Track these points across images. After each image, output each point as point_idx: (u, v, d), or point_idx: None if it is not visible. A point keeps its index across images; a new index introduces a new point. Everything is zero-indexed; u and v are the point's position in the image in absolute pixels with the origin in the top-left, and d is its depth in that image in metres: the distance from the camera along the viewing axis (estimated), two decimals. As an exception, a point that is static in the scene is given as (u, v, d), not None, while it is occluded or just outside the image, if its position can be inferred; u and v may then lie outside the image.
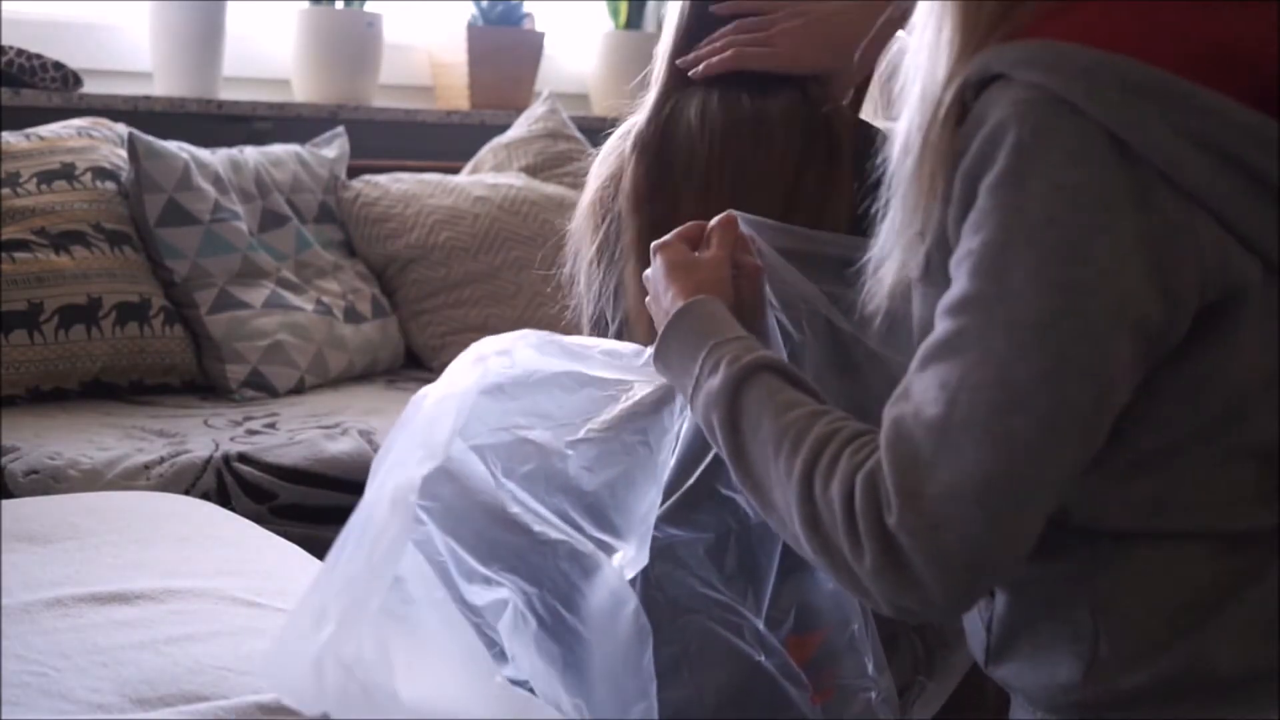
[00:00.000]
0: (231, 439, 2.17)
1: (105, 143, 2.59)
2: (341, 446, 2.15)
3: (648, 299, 1.35)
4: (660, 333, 1.26)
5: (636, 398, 1.37)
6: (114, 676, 1.19)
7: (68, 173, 2.48)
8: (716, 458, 1.33)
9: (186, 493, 2.00)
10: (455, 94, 3.26)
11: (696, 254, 1.33)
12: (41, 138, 2.53)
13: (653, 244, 1.35)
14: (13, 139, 2.49)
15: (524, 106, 3.19)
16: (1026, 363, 0.98)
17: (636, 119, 1.55)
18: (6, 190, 2.41)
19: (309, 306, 2.62)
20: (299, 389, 2.55)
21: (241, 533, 1.66)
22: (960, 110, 1.03)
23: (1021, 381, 0.98)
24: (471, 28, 3.23)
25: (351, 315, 2.69)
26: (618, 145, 1.55)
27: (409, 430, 1.25)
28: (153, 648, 1.24)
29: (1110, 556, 1.08)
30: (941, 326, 1.02)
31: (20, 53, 2.69)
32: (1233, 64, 0.99)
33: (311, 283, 2.69)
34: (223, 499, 2.03)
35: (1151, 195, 0.98)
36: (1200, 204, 0.98)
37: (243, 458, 2.09)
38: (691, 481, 1.35)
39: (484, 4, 3.27)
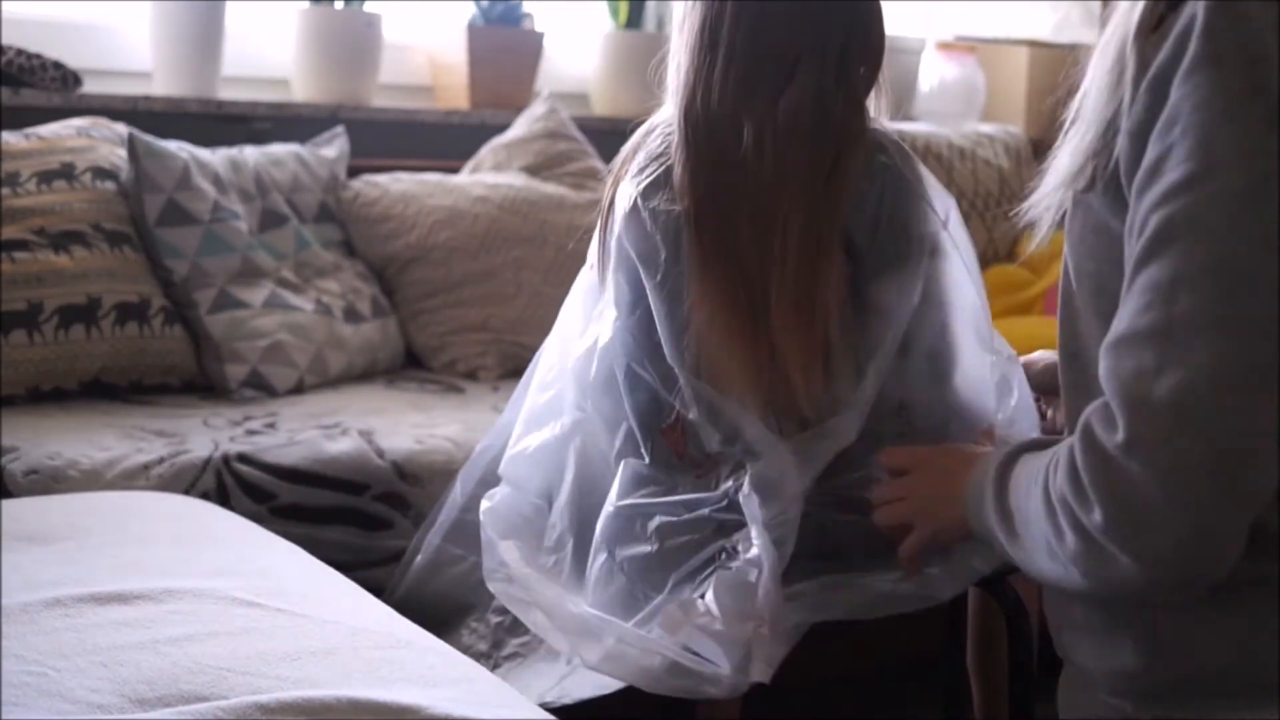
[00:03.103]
0: (231, 439, 2.17)
1: (105, 142, 2.59)
2: (341, 446, 2.15)
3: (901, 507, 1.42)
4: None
5: None
6: (113, 676, 1.19)
7: (67, 172, 2.48)
8: None
9: (186, 493, 2.00)
10: (455, 94, 3.25)
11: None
12: (41, 137, 2.52)
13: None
14: (12, 139, 2.49)
15: (524, 106, 3.19)
16: (1243, 234, 0.93)
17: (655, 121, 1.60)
18: (6, 190, 2.41)
19: (309, 306, 2.62)
20: (299, 389, 2.55)
21: (241, 533, 1.66)
22: (1156, 23, 1.03)
23: (1242, 258, 0.93)
24: (471, 28, 3.23)
25: (351, 315, 2.69)
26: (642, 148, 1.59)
27: None
28: (152, 648, 1.24)
29: None
30: (1149, 224, 0.98)
31: (20, 53, 2.69)
32: None
33: (311, 282, 2.69)
34: (222, 499, 2.03)
35: None
36: None
37: (242, 458, 2.09)
38: None
39: (484, 4, 3.27)
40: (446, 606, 1.74)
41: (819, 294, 1.50)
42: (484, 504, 1.65)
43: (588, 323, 1.63)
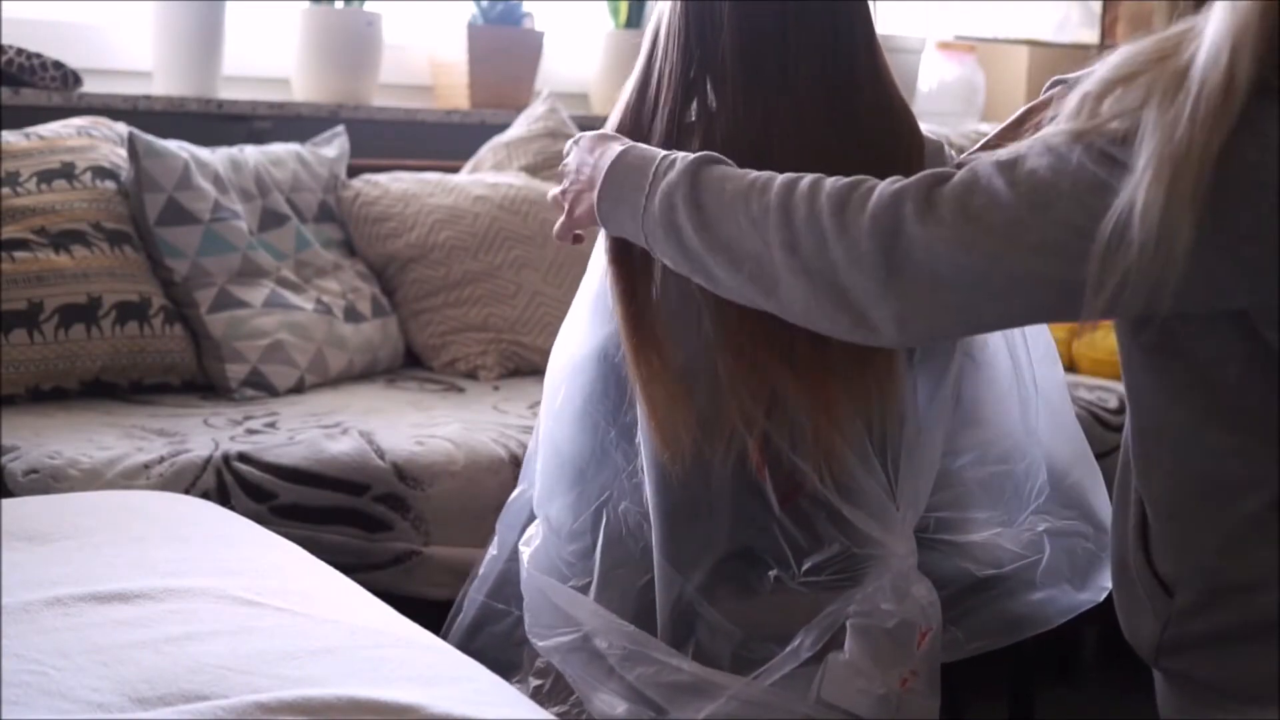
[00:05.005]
0: (231, 438, 2.17)
1: (105, 142, 2.59)
2: (341, 446, 2.15)
3: (565, 188, 1.49)
4: (604, 173, 1.40)
5: None
6: (114, 676, 1.19)
7: (67, 172, 2.48)
8: None
9: (186, 492, 2.00)
10: (455, 93, 3.26)
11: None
12: (41, 137, 2.53)
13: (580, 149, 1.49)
14: (12, 138, 2.49)
15: (524, 106, 3.20)
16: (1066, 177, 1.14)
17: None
18: (6, 190, 2.41)
19: (309, 306, 2.62)
20: (299, 388, 2.55)
21: (241, 533, 1.66)
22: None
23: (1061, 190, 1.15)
24: (471, 27, 3.23)
25: (351, 314, 2.69)
26: None
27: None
28: (152, 647, 1.24)
29: None
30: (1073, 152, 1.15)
31: (20, 52, 2.69)
32: None
33: (311, 282, 2.69)
34: (223, 498, 2.03)
35: None
36: None
37: (243, 457, 2.09)
38: None
39: (484, 4, 3.27)
40: (488, 667, 1.65)
41: None
42: (523, 548, 1.60)
43: (603, 330, 1.56)
